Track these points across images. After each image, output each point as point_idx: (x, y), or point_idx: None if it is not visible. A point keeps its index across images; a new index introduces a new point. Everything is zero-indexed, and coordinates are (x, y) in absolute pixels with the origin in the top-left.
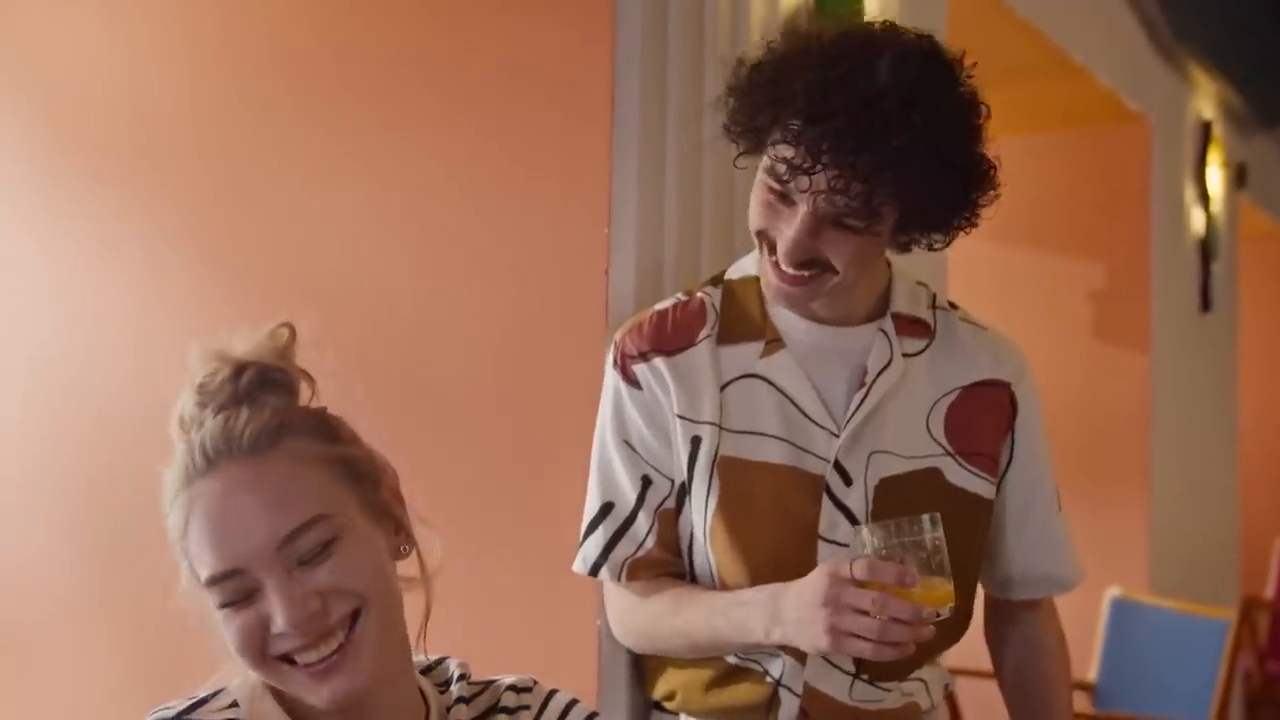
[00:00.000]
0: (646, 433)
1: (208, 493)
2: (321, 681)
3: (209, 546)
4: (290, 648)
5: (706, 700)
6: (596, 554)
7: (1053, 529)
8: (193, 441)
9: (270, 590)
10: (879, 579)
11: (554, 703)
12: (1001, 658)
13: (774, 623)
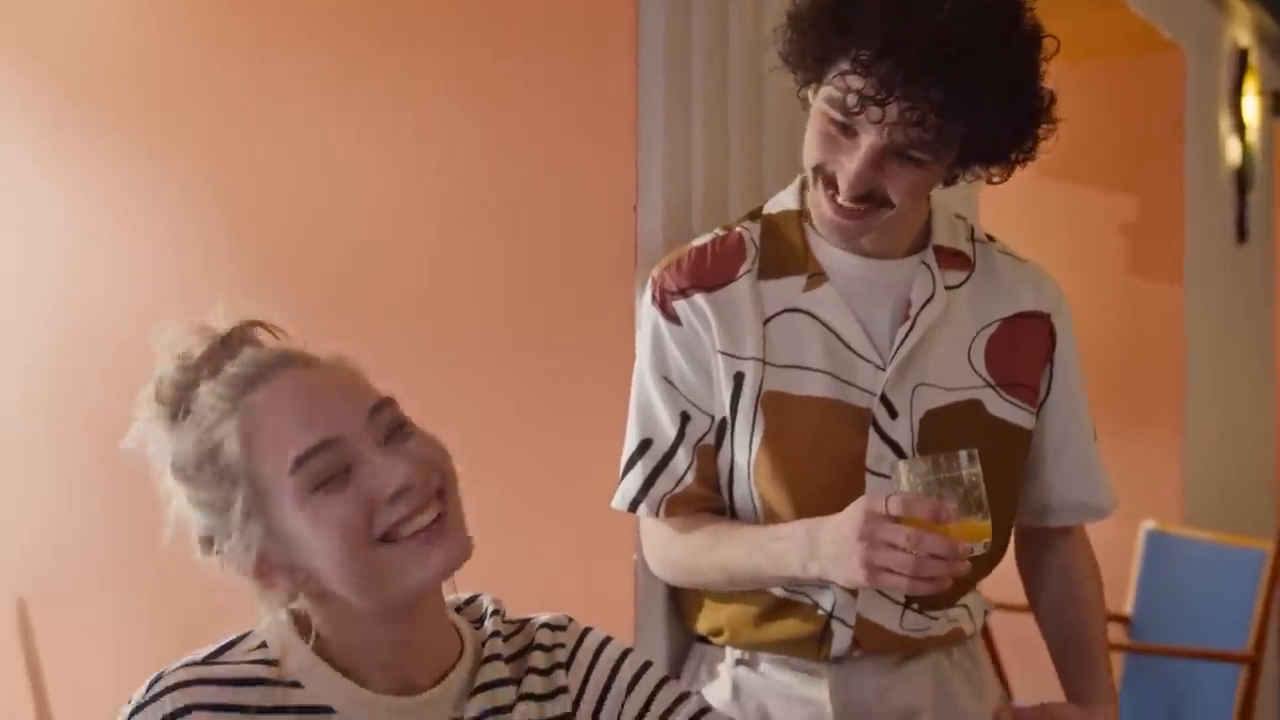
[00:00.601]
0: (686, 369)
1: (273, 391)
2: (433, 546)
3: (297, 425)
4: (401, 514)
5: (757, 634)
6: (635, 490)
7: (1089, 458)
8: (223, 374)
9: (371, 456)
10: (915, 514)
11: (588, 640)
12: (1036, 584)
13: (810, 557)
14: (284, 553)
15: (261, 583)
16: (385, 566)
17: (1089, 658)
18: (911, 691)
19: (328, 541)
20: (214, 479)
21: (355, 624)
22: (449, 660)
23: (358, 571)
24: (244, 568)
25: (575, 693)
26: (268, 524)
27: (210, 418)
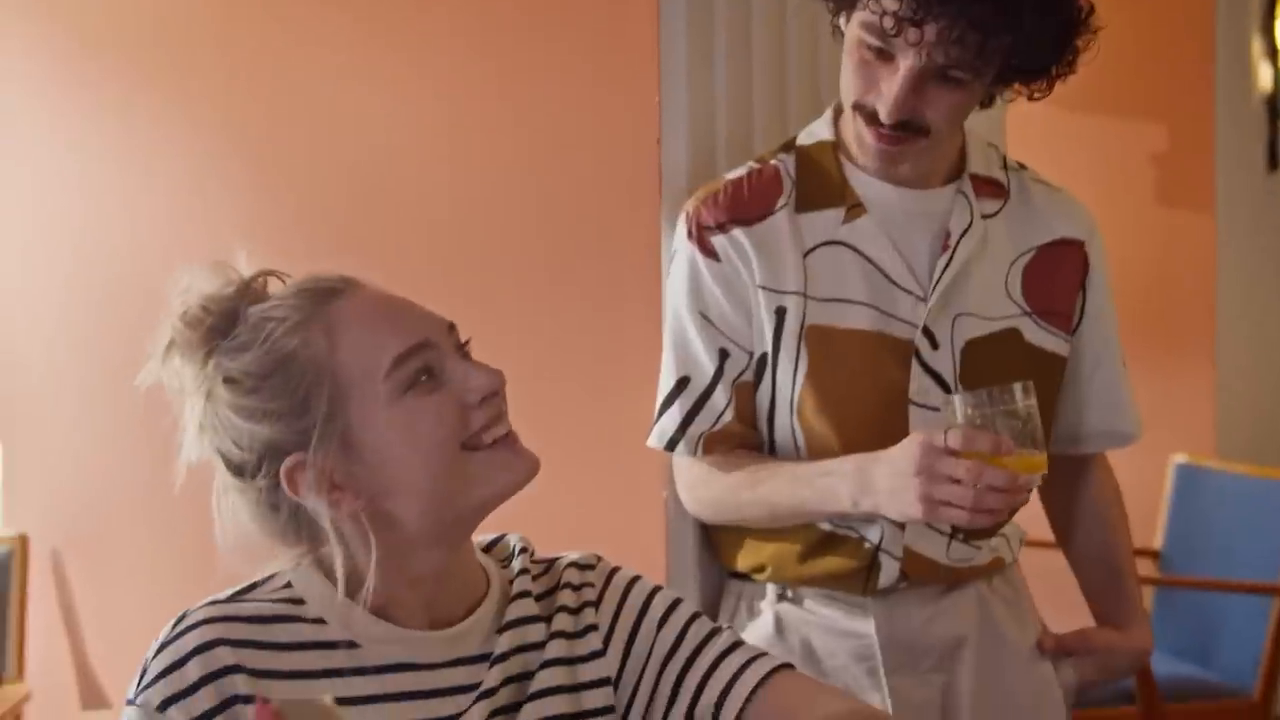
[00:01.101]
0: (725, 306)
1: (357, 300)
2: (515, 455)
3: (391, 327)
4: (487, 419)
5: (802, 570)
6: (674, 428)
7: (1119, 384)
8: (300, 289)
9: (457, 365)
10: (974, 448)
11: (617, 578)
12: (1064, 512)
13: (863, 492)
14: (354, 466)
15: (328, 499)
16: (469, 472)
17: (1120, 581)
18: (956, 621)
19: (418, 442)
20: (286, 386)
21: (398, 554)
22: (476, 597)
23: (442, 475)
24: (312, 481)
25: (605, 630)
26: (345, 430)
27: (279, 328)
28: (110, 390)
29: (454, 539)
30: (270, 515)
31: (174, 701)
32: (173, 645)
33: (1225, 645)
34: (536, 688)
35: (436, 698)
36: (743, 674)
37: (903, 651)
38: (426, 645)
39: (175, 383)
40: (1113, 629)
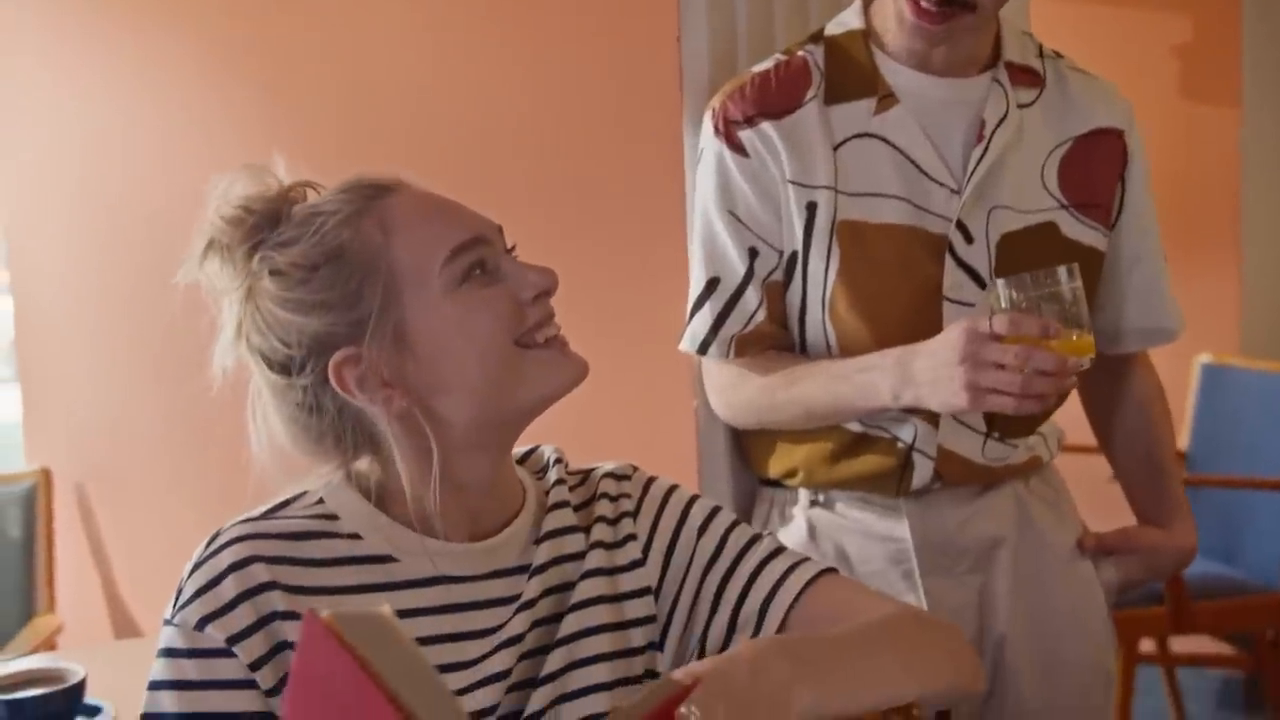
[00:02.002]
0: (754, 202)
1: (411, 196)
2: (566, 355)
3: (447, 220)
4: (540, 317)
5: (834, 472)
6: (705, 331)
7: (1160, 280)
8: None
9: (509, 264)
10: (1021, 332)
11: (654, 488)
12: (1104, 411)
13: (904, 384)
14: (406, 362)
15: (378, 396)
16: (522, 369)
17: (1163, 479)
18: (992, 522)
19: (473, 335)
20: (337, 277)
21: (444, 460)
22: (513, 509)
23: (495, 370)
24: (361, 376)
25: (644, 540)
26: (398, 323)
27: (330, 220)
28: (125, 323)
29: (500, 444)
30: (311, 419)
31: (212, 619)
32: (208, 564)
33: (1252, 542)
34: (578, 598)
35: (475, 610)
36: (786, 580)
37: (938, 554)
38: (464, 558)
39: (211, 284)
40: (1156, 528)
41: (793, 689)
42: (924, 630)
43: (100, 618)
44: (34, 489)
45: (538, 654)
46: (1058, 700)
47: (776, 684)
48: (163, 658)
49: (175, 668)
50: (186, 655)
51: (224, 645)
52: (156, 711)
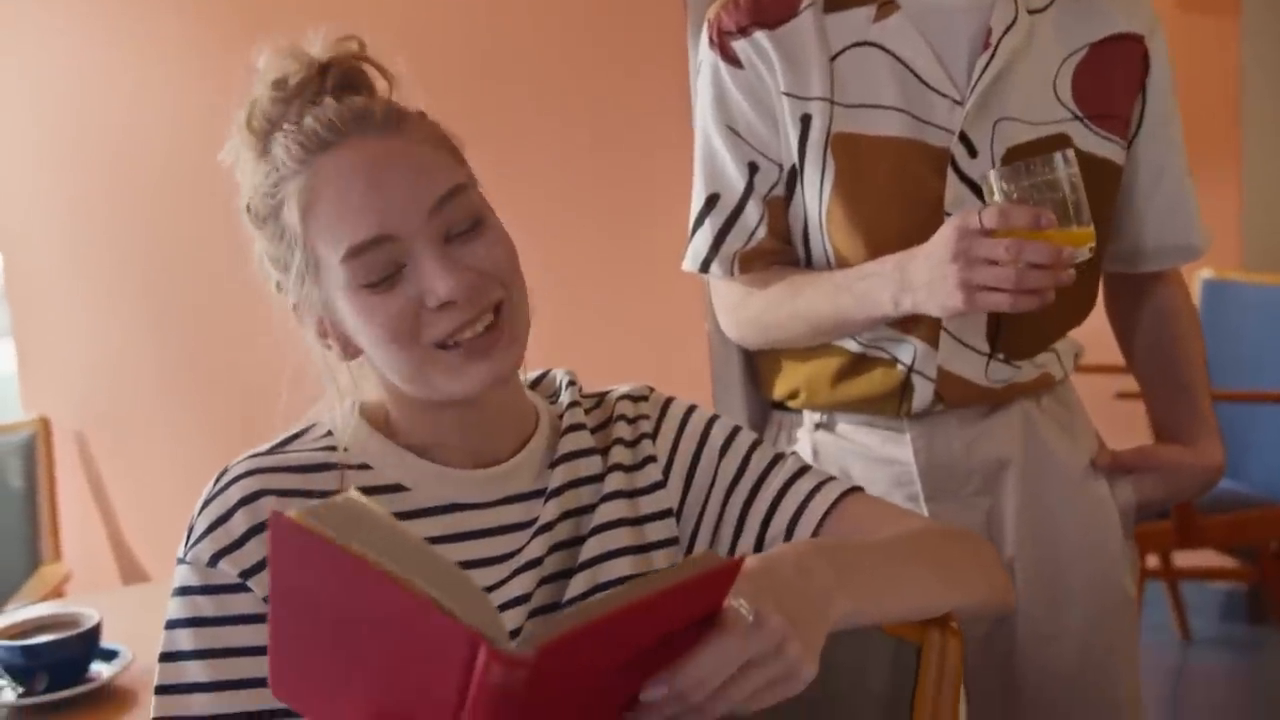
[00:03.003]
0: (751, 115)
1: (340, 163)
2: (476, 361)
3: (352, 212)
4: (452, 326)
5: (835, 394)
6: (706, 249)
7: (1184, 195)
8: (302, 125)
9: (427, 259)
10: (1012, 225)
11: (673, 409)
12: (1129, 328)
13: (902, 290)
14: (338, 324)
15: (322, 342)
16: (427, 370)
17: (1189, 395)
18: (999, 443)
19: (372, 336)
20: (277, 236)
21: (419, 404)
22: (525, 433)
23: (400, 370)
24: (305, 324)
25: (665, 461)
26: (324, 294)
27: (281, 171)
28: (119, 269)
29: (461, 404)
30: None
31: (224, 555)
32: (217, 499)
33: (1256, 456)
34: (598, 522)
35: (490, 536)
36: (812, 500)
37: (944, 476)
38: (476, 484)
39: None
40: (1180, 445)
41: (834, 594)
42: (959, 544)
43: (107, 564)
44: (33, 438)
45: (560, 578)
46: (1071, 624)
47: (820, 587)
48: (178, 596)
49: (191, 605)
50: (201, 592)
51: (238, 580)
52: (175, 650)
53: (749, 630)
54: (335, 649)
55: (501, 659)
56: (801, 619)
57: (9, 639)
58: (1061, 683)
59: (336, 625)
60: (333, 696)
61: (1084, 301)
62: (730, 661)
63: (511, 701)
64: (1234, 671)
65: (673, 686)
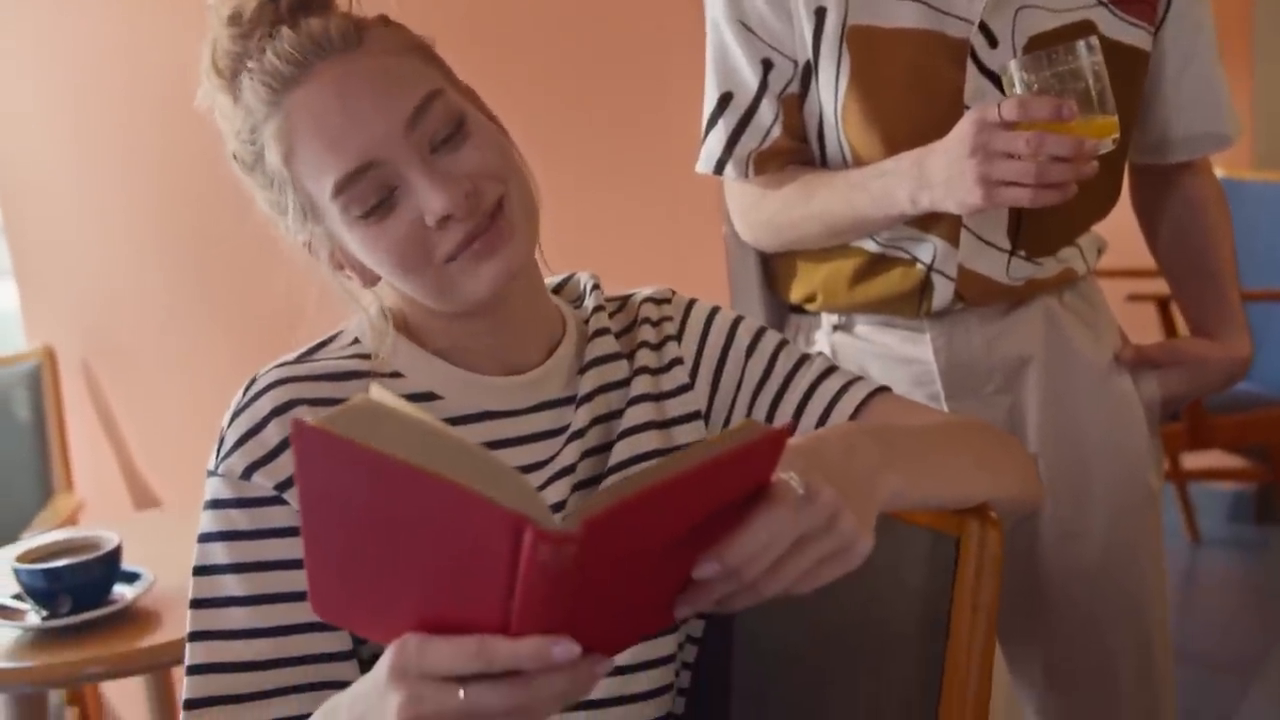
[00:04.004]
0: (765, 9)
1: (310, 98)
2: (486, 260)
3: (331, 146)
4: (459, 238)
5: (853, 295)
6: (720, 149)
7: (1214, 80)
8: (264, 62)
9: (415, 177)
10: (1032, 116)
11: (696, 311)
12: (1155, 220)
13: (920, 187)
14: (349, 255)
15: (340, 274)
16: (443, 282)
17: (1216, 286)
18: (1021, 340)
19: (382, 263)
20: (267, 182)
21: (444, 317)
22: (553, 340)
23: (418, 289)
24: (319, 259)
25: (691, 363)
26: (327, 229)
27: (255, 115)
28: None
29: (484, 311)
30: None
31: (258, 467)
32: (248, 410)
33: (1267, 355)
34: (626, 425)
35: (524, 444)
36: (840, 400)
37: (964, 375)
38: (508, 392)
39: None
40: (1206, 338)
41: (881, 473)
42: (993, 436)
43: (119, 492)
44: (38, 369)
45: (591, 484)
46: (1094, 521)
47: (867, 466)
48: (210, 510)
49: (224, 519)
50: (235, 505)
51: (273, 493)
52: (209, 564)
53: (800, 503)
54: (374, 558)
55: (549, 537)
56: (852, 494)
57: (30, 563)
58: (1085, 580)
59: (373, 533)
60: (378, 609)
61: (1108, 194)
62: (782, 534)
63: (562, 581)
64: (1243, 572)
65: (724, 563)
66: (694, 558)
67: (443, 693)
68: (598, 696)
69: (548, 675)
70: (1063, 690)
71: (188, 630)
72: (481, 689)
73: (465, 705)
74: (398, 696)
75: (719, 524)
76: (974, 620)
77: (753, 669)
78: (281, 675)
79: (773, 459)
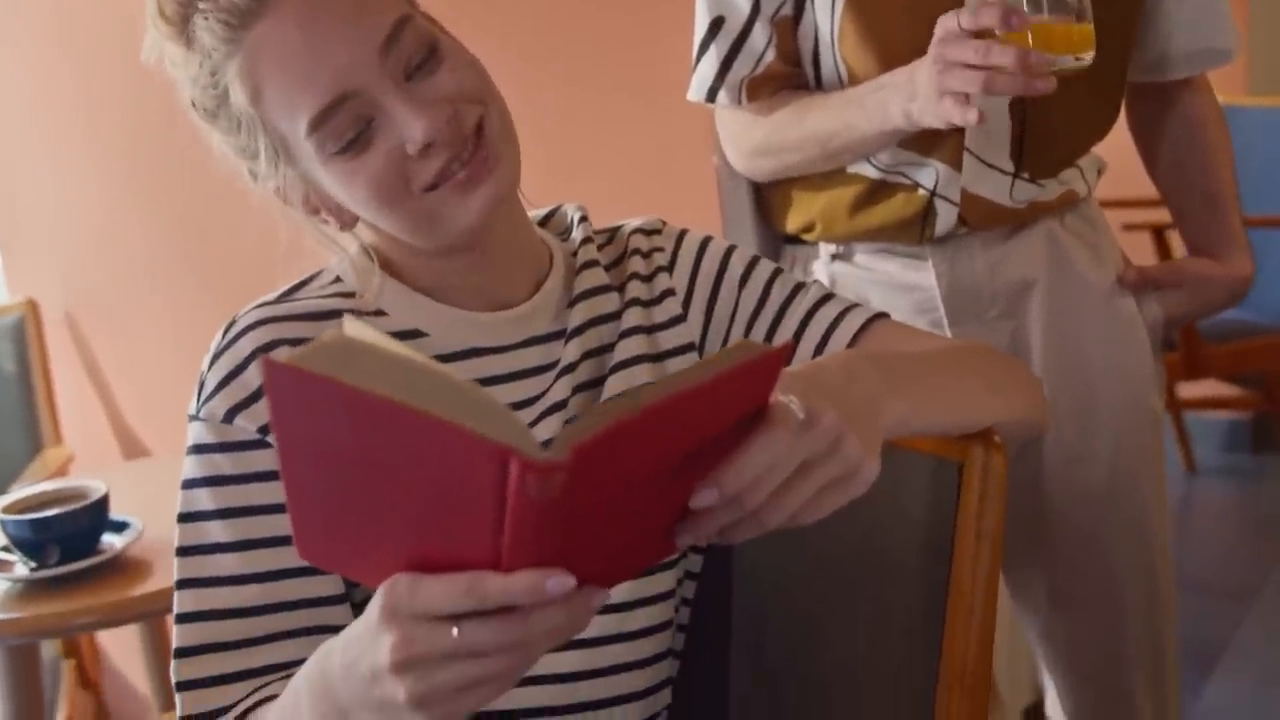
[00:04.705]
0: None
1: (273, 31)
2: (473, 188)
3: (302, 82)
4: (439, 165)
5: (853, 223)
6: (712, 75)
7: None
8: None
9: (393, 105)
10: (981, 24)
11: (688, 240)
12: (1153, 140)
13: (911, 98)
14: (325, 198)
15: (315, 219)
16: (426, 214)
17: (1216, 206)
18: (1024, 263)
19: (362, 201)
20: (233, 126)
21: (425, 254)
22: (540, 274)
23: (400, 223)
24: (293, 204)
25: (683, 294)
26: (301, 171)
27: (214, 57)
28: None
29: (466, 247)
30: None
31: (240, 410)
32: (228, 352)
33: (1263, 282)
34: (618, 359)
35: (514, 380)
36: (838, 326)
37: (967, 300)
38: (495, 327)
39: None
40: (1208, 258)
41: (884, 398)
42: (997, 359)
43: (108, 444)
44: (21, 321)
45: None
46: (1099, 445)
47: (869, 391)
48: (193, 455)
49: (208, 463)
50: (218, 449)
51: (256, 436)
52: (194, 510)
53: (801, 427)
54: (358, 499)
55: (536, 467)
56: (855, 419)
57: (16, 514)
58: (1090, 504)
59: (354, 473)
60: (365, 551)
61: (1109, 113)
62: (782, 458)
63: (552, 513)
64: (1239, 501)
65: (723, 489)
66: (692, 487)
67: (436, 632)
68: (596, 634)
69: (542, 610)
70: (1068, 614)
71: (175, 578)
72: (475, 627)
73: (459, 644)
74: (390, 638)
75: (717, 451)
76: (978, 547)
77: (752, 603)
78: (272, 621)
79: (770, 380)
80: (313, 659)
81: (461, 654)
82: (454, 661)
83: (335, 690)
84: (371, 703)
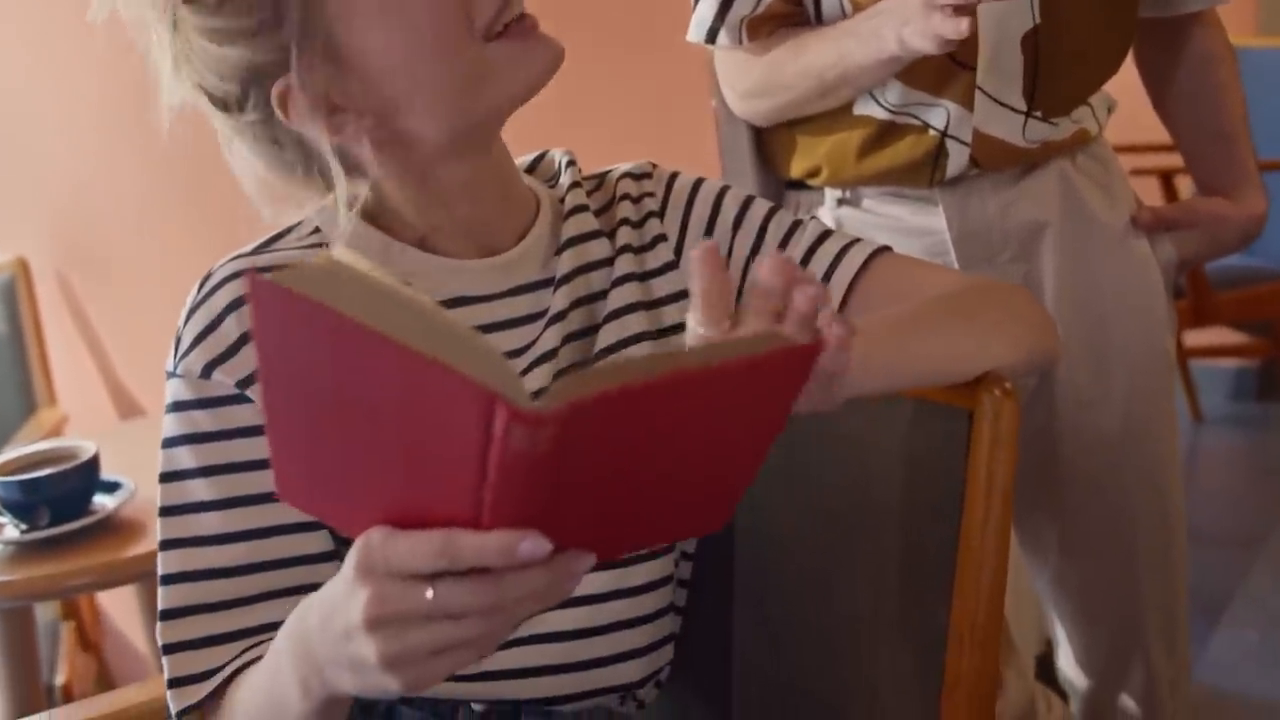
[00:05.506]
0: None
1: None
2: (534, 39)
3: None
4: (497, 4)
5: (861, 167)
6: (712, 16)
7: None
8: None
9: None
10: None
11: (679, 183)
12: (1162, 77)
13: (903, 22)
14: (350, 82)
15: (327, 124)
16: (483, 64)
17: (1228, 145)
18: (1036, 205)
19: (416, 36)
20: (241, 8)
21: (424, 173)
22: (526, 221)
23: (452, 71)
24: (306, 106)
25: (675, 239)
26: (329, 39)
27: None
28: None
29: (477, 146)
30: (274, 151)
31: (217, 364)
32: (204, 306)
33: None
34: (611, 307)
35: (501, 330)
36: (840, 263)
37: (978, 244)
38: (480, 275)
39: (135, 14)
40: (1221, 197)
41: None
42: (993, 297)
43: (103, 404)
44: (12, 280)
45: (576, 369)
46: (1113, 388)
47: None
48: (172, 413)
49: (187, 421)
50: (197, 406)
51: (235, 391)
52: (176, 469)
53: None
54: (338, 438)
55: (524, 417)
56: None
57: (6, 475)
58: (1103, 449)
59: (336, 408)
60: (344, 495)
61: (1121, 45)
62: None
63: (538, 471)
64: (1246, 449)
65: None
66: (701, 482)
67: (410, 591)
68: (595, 591)
69: (519, 574)
70: (1080, 560)
71: (159, 539)
72: (450, 586)
73: (433, 605)
74: (363, 594)
75: (731, 451)
76: (989, 498)
77: (755, 555)
78: (260, 580)
79: (798, 380)
80: (293, 616)
81: (437, 615)
82: (428, 622)
83: (313, 648)
84: (344, 661)
